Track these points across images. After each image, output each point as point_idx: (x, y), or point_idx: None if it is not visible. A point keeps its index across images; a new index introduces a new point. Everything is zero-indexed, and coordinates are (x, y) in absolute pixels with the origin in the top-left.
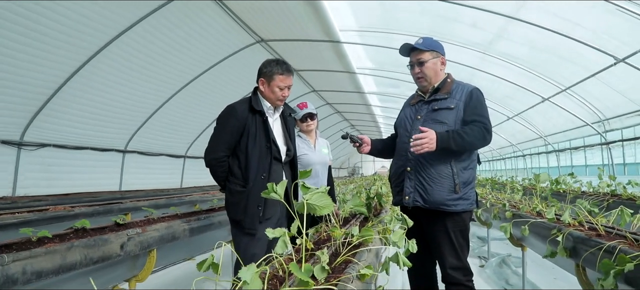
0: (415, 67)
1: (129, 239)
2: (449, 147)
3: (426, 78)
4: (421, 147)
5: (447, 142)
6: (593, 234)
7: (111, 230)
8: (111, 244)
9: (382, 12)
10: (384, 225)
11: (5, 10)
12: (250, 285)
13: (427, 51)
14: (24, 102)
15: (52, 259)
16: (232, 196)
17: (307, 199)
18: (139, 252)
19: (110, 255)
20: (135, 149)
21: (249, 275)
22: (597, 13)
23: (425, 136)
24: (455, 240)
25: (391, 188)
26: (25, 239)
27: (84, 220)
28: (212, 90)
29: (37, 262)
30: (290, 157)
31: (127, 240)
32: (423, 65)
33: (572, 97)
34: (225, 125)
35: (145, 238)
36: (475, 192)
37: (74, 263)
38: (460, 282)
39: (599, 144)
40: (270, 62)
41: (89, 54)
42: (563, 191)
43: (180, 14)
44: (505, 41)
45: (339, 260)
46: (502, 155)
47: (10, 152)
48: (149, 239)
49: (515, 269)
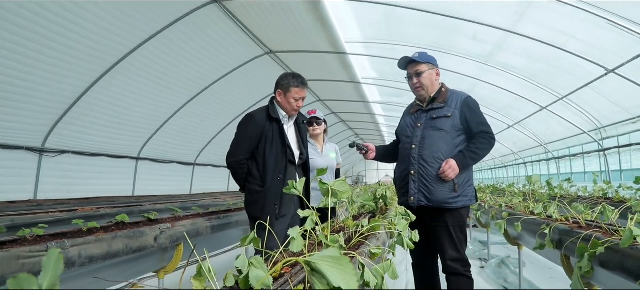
0: (414, 78)
1: (162, 232)
2: (468, 166)
3: (423, 87)
4: (448, 177)
5: (466, 163)
6: (575, 226)
7: (145, 224)
8: (147, 236)
9: (386, 24)
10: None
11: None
12: (296, 240)
13: (424, 63)
14: (46, 110)
15: (101, 246)
16: (252, 195)
17: (332, 186)
18: (168, 245)
19: (146, 246)
20: (147, 156)
21: (295, 233)
22: (589, 27)
23: (449, 167)
24: (454, 235)
25: (396, 190)
26: (77, 229)
27: (123, 215)
28: (222, 99)
29: (90, 248)
30: (303, 161)
31: (160, 233)
32: (420, 76)
33: (569, 105)
34: (245, 131)
35: (174, 232)
36: (473, 188)
37: (118, 251)
38: (460, 272)
39: (596, 151)
40: (287, 76)
41: (108, 66)
42: (560, 196)
43: (195, 28)
44: (504, 52)
45: (353, 242)
46: (504, 163)
47: (33, 158)
48: (177, 233)
49: (513, 269)
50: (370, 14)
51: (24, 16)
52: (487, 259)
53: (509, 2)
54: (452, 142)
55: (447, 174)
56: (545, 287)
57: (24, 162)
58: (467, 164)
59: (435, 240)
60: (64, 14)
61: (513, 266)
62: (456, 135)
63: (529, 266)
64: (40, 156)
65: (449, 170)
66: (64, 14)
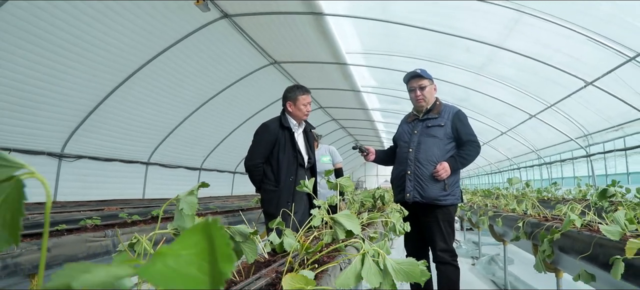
0: (417, 91)
1: None
2: (457, 168)
3: (425, 100)
4: (441, 176)
5: (456, 166)
6: (543, 219)
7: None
8: None
9: (384, 36)
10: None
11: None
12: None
13: (427, 79)
14: (67, 118)
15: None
16: (267, 194)
17: (340, 181)
18: None
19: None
20: (157, 161)
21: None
22: (572, 42)
23: (442, 168)
24: (444, 228)
25: (393, 189)
26: (122, 221)
27: (158, 210)
28: (229, 107)
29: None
30: (311, 164)
31: None
32: (424, 90)
33: (558, 113)
34: (261, 138)
35: None
36: (460, 189)
37: (157, 239)
38: (448, 261)
39: (584, 156)
40: (293, 88)
41: (125, 76)
42: (547, 198)
43: (205, 40)
44: (495, 64)
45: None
46: (499, 169)
47: (53, 162)
48: None
49: (501, 266)
50: (370, 27)
51: (52, 31)
52: (478, 256)
53: (499, 18)
54: (444, 147)
55: (440, 174)
56: (530, 281)
57: (45, 167)
58: (457, 167)
59: (427, 233)
60: (87, 28)
61: (501, 263)
62: (447, 142)
63: (517, 263)
64: (60, 161)
65: (442, 170)
66: (87, 29)
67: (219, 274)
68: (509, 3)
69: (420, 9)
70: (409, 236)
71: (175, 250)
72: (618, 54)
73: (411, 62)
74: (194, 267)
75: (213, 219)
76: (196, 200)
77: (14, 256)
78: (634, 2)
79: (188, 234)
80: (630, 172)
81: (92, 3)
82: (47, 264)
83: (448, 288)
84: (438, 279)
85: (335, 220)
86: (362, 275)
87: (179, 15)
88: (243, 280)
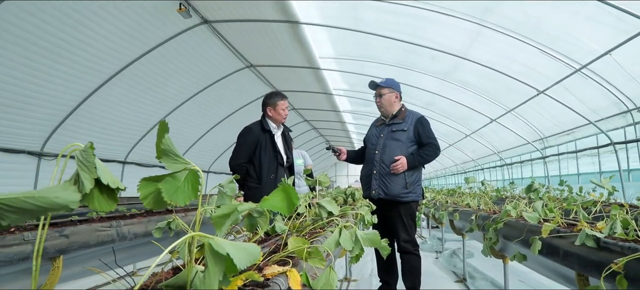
0: (377, 98)
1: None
2: (415, 165)
3: (383, 106)
4: (397, 170)
5: (413, 162)
6: (492, 213)
7: (166, 212)
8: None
9: (355, 44)
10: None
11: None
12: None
13: (386, 88)
14: (47, 117)
15: (140, 226)
16: (250, 191)
17: (319, 178)
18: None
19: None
20: (133, 160)
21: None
22: (527, 54)
23: (400, 162)
24: (406, 221)
25: (362, 186)
26: (122, 214)
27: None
28: (205, 108)
29: (134, 227)
30: (289, 164)
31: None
32: (382, 97)
33: (517, 118)
34: (245, 140)
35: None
36: (421, 188)
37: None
38: (410, 251)
39: (540, 158)
40: (273, 94)
41: (106, 77)
42: (505, 197)
43: (185, 44)
44: (460, 71)
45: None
46: (464, 170)
47: (32, 161)
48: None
49: (462, 258)
50: (342, 35)
51: (36, 33)
52: (441, 251)
53: (462, 30)
54: (406, 150)
55: (397, 168)
56: (486, 271)
57: (25, 165)
58: (415, 164)
59: (391, 226)
60: (69, 31)
61: (462, 256)
62: (410, 145)
63: (477, 256)
64: (39, 160)
65: (399, 165)
66: (70, 31)
67: (293, 204)
68: (471, 17)
69: (389, 20)
70: (375, 228)
71: (272, 197)
72: (566, 65)
73: (381, 67)
74: (283, 202)
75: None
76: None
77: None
78: (579, 20)
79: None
80: (580, 172)
81: (77, 7)
82: (65, 249)
83: (411, 274)
84: (402, 267)
85: (320, 204)
86: (340, 241)
87: (161, 21)
88: None
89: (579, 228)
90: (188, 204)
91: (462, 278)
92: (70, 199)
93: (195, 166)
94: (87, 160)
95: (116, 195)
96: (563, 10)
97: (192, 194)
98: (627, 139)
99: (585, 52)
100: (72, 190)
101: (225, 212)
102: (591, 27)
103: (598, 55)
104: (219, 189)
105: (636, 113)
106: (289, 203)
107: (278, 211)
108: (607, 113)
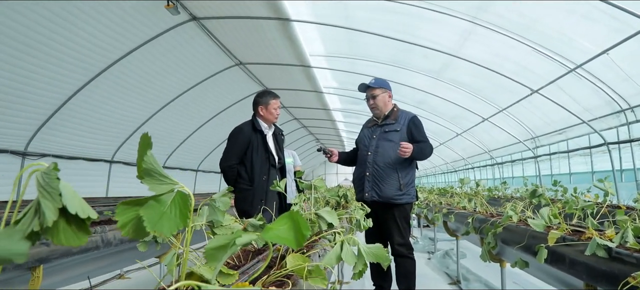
0: (370, 99)
1: None
2: (416, 157)
3: (378, 107)
4: (405, 153)
5: (417, 151)
6: (489, 216)
7: None
8: None
9: (347, 42)
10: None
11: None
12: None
13: (378, 88)
14: (31, 116)
15: None
16: (241, 193)
17: (314, 182)
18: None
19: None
20: (120, 159)
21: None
22: (520, 53)
23: (408, 147)
24: (400, 224)
25: (355, 188)
26: (108, 218)
27: None
28: (193, 106)
29: (120, 232)
30: (281, 164)
31: None
32: (375, 99)
33: (508, 117)
34: (235, 140)
35: None
36: (415, 189)
37: None
38: (405, 254)
39: (532, 157)
40: (264, 93)
41: (92, 75)
42: (497, 197)
43: (173, 42)
44: (452, 70)
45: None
46: (455, 168)
47: (16, 161)
48: None
49: (454, 259)
50: (333, 33)
51: (20, 30)
52: (434, 251)
53: (455, 28)
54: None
55: (404, 151)
56: (480, 273)
57: (8, 165)
58: (416, 153)
59: (385, 229)
60: (54, 27)
61: (455, 257)
62: None
63: (469, 257)
64: (23, 159)
65: (406, 148)
66: (54, 27)
67: (302, 236)
68: (464, 14)
69: (380, 18)
70: (369, 232)
71: (276, 226)
72: (561, 65)
73: (373, 66)
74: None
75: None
76: (229, 200)
77: None
78: (574, 19)
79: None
80: (572, 172)
81: (62, 3)
82: (45, 258)
83: (405, 278)
84: (396, 271)
85: (319, 215)
86: (342, 256)
87: (149, 17)
88: (246, 263)
89: (587, 236)
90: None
91: (455, 280)
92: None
93: (185, 187)
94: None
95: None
96: (558, 9)
97: (180, 222)
98: (620, 139)
99: (579, 51)
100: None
101: (221, 244)
102: (586, 26)
103: (593, 56)
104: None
105: (630, 113)
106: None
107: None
108: (601, 112)
